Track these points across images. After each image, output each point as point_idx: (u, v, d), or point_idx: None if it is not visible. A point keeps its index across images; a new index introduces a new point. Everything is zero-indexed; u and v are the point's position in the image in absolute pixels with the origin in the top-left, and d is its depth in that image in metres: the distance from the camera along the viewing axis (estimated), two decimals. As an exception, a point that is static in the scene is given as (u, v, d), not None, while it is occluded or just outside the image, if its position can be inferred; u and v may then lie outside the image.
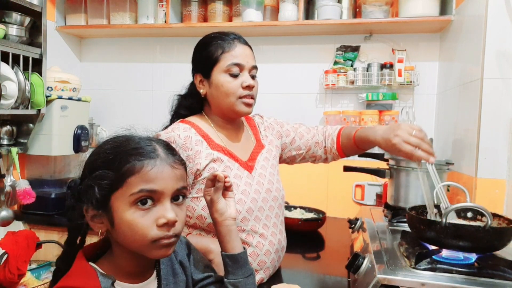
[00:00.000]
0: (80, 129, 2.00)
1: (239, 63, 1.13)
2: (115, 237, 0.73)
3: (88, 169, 0.73)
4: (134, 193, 0.69)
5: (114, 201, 0.70)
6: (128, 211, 0.69)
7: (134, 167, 0.69)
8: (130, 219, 0.69)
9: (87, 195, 0.70)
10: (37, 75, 1.79)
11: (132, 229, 0.69)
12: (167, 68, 2.39)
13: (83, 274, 0.71)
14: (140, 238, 0.69)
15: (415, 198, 1.52)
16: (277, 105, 2.23)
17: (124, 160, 0.70)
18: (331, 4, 1.96)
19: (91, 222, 0.72)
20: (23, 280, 1.55)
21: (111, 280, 0.71)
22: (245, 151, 1.22)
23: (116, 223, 0.70)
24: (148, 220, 0.69)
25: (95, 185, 0.70)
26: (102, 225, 0.72)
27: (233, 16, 2.18)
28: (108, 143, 0.75)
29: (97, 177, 0.70)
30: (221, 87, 1.13)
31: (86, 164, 0.75)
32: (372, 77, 2.05)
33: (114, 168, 0.70)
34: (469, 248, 1.02)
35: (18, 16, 1.74)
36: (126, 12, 2.24)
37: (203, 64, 1.17)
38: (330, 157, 1.37)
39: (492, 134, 1.41)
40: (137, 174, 0.69)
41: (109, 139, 0.76)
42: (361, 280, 1.05)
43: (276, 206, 1.22)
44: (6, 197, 1.79)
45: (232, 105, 1.15)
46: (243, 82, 1.13)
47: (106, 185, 0.70)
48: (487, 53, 1.42)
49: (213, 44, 1.15)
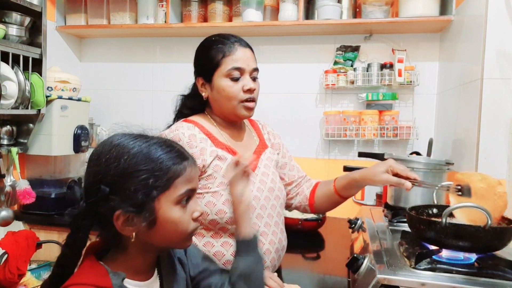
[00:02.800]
0: (80, 129, 2.00)
1: (240, 67, 1.14)
2: (146, 238, 0.73)
3: (120, 176, 0.70)
4: (182, 194, 0.73)
5: (159, 203, 0.71)
6: (173, 209, 0.73)
7: (179, 169, 0.73)
8: (176, 217, 0.73)
9: (123, 201, 0.69)
10: (37, 75, 1.79)
11: (177, 225, 0.73)
12: (167, 68, 2.39)
13: (93, 271, 0.71)
14: (183, 232, 0.74)
15: (415, 198, 1.52)
16: (277, 105, 2.23)
17: (167, 163, 0.72)
18: (331, 4, 1.96)
19: (122, 227, 0.71)
20: (23, 280, 1.55)
21: (121, 277, 0.71)
22: (248, 150, 1.22)
23: (159, 222, 0.72)
24: (187, 215, 0.75)
25: (138, 190, 0.69)
26: (134, 228, 0.71)
27: (233, 16, 2.18)
28: (131, 148, 0.72)
29: (139, 182, 0.70)
30: (222, 91, 1.15)
31: (112, 170, 0.70)
32: (372, 77, 2.05)
33: (158, 172, 0.71)
34: (469, 248, 1.02)
35: (18, 16, 1.74)
36: (126, 12, 2.24)
37: (204, 68, 1.18)
38: (301, 205, 1.34)
39: (492, 134, 1.41)
40: (182, 176, 0.73)
41: (127, 142, 0.73)
42: (361, 280, 1.05)
43: (278, 205, 1.23)
44: (6, 197, 1.79)
45: (233, 108, 1.16)
46: (244, 86, 1.14)
47: (152, 188, 0.70)
48: (487, 53, 1.42)
49: (213, 48, 1.16)
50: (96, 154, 0.74)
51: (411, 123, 2.05)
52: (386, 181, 1.14)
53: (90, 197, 0.71)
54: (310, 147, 2.20)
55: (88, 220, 0.73)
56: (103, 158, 0.72)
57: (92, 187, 0.71)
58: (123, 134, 0.76)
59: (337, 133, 2.07)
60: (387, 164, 1.14)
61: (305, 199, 1.32)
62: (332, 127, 2.08)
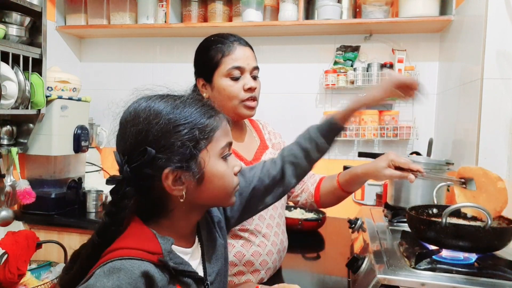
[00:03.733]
0: (80, 129, 2.00)
1: (240, 66, 1.13)
2: (194, 196, 0.71)
3: (164, 131, 0.68)
4: (224, 146, 0.73)
5: (206, 157, 0.70)
6: (219, 163, 0.73)
7: (216, 122, 0.73)
8: (222, 170, 0.73)
9: (171, 158, 0.67)
10: (37, 75, 1.79)
11: (224, 180, 0.73)
12: (167, 68, 2.39)
13: (141, 235, 0.69)
14: (229, 186, 0.75)
15: (415, 198, 1.52)
16: (277, 105, 2.23)
17: (205, 116, 0.71)
18: (331, 4, 1.96)
19: (172, 187, 0.68)
20: (23, 280, 1.55)
21: (170, 242, 0.70)
22: (249, 151, 1.22)
23: (206, 177, 0.71)
24: (230, 169, 0.75)
25: (185, 144, 0.68)
26: (183, 187, 0.69)
27: (233, 16, 2.18)
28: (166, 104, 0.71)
29: (185, 135, 0.68)
30: (223, 91, 1.14)
31: (154, 126, 0.68)
32: (372, 77, 2.05)
33: (200, 125, 0.70)
34: (469, 248, 1.02)
35: (18, 16, 1.74)
36: (126, 12, 2.24)
37: (204, 69, 1.18)
38: (307, 202, 1.33)
39: (492, 134, 1.41)
40: (220, 128, 0.74)
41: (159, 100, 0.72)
42: (361, 280, 1.05)
43: (279, 206, 1.23)
44: (6, 197, 1.79)
45: (235, 108, 1.15)
46: (244, 85, 1.14)
47: (198, 140, 0.69)
48: (487, 53, 1.42)
49: (213, 48, 1.15)
50: (131, 116, 0.71)
51: (411, 123, 2.06)
52: (389, 177, 1.12)
53: (133, 161, 0.67)
54: (310, 147, 2.20)
55: (132, 186, 0.68)
56: (141, 117, 0.69)
57: (134, 149, 0.68)
58: (149, 96, 0.74)
59: (337, 133, 2.07)
60: (388, 158, 1.12)
61: (311, 196, 1.31)
62: (332, 127, 2.08)
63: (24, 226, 1.94)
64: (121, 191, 0.68)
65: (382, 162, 1.12)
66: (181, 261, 0.71)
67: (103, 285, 0.60)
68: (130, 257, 0.64)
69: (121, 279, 0.61)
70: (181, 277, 0.70)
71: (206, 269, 0.79)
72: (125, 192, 0.68)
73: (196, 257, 0.78)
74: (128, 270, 0.62)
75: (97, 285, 0.60)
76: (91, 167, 2.26)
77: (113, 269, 0.62)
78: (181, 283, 0.70)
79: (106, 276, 0.61)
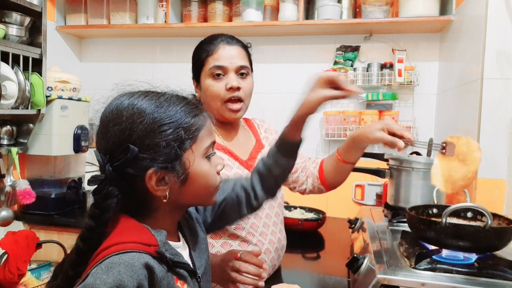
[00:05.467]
0: (80, 129, 2.00)
1: (221, 65, 1.13)
2: (177, 196, 0.70)
3: (148, 131, 0.66)
4: (208, 146, 0.73)
5: (190, 157, 0.70)
6: (202, 163, 0.72)
7: (200, 121, 0.72)
8: (206, 170, 0.73)
9: (155, 158, 0.66)
10: (37, 75, 1.79)
11: (207, 179, 0.73)
12: (167, 68, 2.39)
13: (134, 229, 0.67)
14: (212, 186, 0.75)
15: (415, 198, 1.52)
16: (277, 105, 2.22)
17: (189, 115, 0.70)
18: (331, 4, 1.96)
19: (155, 187, 0.67)
20: (23, 280, 1.55)
21: (164, 234, 0.69)
22: (244, 150, 1.22)
23: (190, 177, 0.70)
24: (213, 169, 0.75)
25: (169, 144, 0.67)
26: (166, 187, 0.68)
27: (233, 16, 2.18)
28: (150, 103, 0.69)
29: (169, 135, 0.67)
30: (206, 90, 1.15)
31: (138, 126, 0.66)
32: (372, 77, 2.05)
33: (185, 124, 0.69)
34: (469, 248, 1.02)
35: (18, 16, 1.74)
36: (126, 12, 2.24)
37: (194, 69, 1.20)
38: (315, 187, 1.30)
39: (492, 134, 1.41)
40: (205, 128, 0.72)
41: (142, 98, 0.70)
42: (361, 280, 1.05)
43: (276, 205, 1.23)
44: (6, 197, 1.79)
45: (218, 109, 1.15)
46: (227, 84, 1.13)
47: (183, 140, 0.68)
48: (487, 53, 1.42)
49: (201, 49, 1.17)
50: (113, 114, 0.69)
51: (411, 123, 2.05)
52: (380, 139, 1.09)
53: (115, 160, 0.66)
54: (310, 147, 2.20)
55: (115, 186, 0.66)
56: (124, 115, 0.67)
57: (117, 148, 0.66)
58: (131, 93, 0.72)
59: (337, 133, 2.07)
60: (384, 122, 1.10)
61: (316, 179, 1.27)
62: (332, 127, 2.08)
63: (24, 226, 1.94)
64: (104, 191, 0.66)
65: (378, 125, 1.11)
66: (175, 253, 0.71)
67: (104, 282, 0.57)
68: (128, 251, 0.62)
69: (122, 273, 0.59)
70: (177, 269, 0.70)
71: (195, 262, 0.78)
72: (108, 192, 0.66)
73: (185, 250, 0.78)
74: (128, 263, 0.60)
75: (97, 282, 0.58)
76: (91, 167, 2.26)
77: (111, 264, 0.60)
78: (177, 275, 0.70)
79: (105, 272, 0.59)
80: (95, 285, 0.58)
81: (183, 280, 0.71)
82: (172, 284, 0.67)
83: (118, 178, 0.66)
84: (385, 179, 1.66)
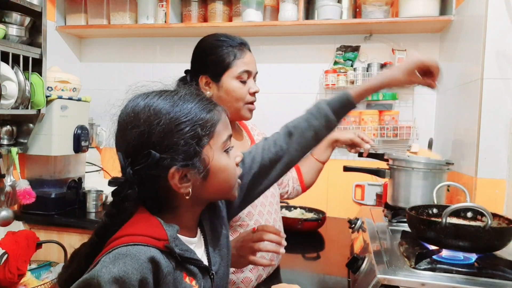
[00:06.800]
0: (80, 129, 2.00)
1: (249, 70, 1.17)
2: (200, 191, 0.72)
3: (166, 131, 0.67)
4: (225, 140, 0.74)
5: (209, 152, 0.71)
6: (222, 157, 0.73)
7: (215, 116, 0.73)
8: (225, 163, 0.74)
9: (175, 157, 0.67)
10: (37, 75, 1.79)
11: (228, 173, 0.74)
12: (167, 68, 2.39)
13: (147, 223, 0.69)
14: (233, 179, 0.76)
15: (415, 198, 1.52)
16: (277, 105, 2.22)
17: (205, 111, 0.71)
18: (331, 4, 1.96)
19: (179, 185, 0.69)
20: (23, 280, 1.55)
21: (175, 229, 0.70)
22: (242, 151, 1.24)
23: (212, 172, 0.72)
24: (232, 161, 0.76)
25: (188, 142, 0.68)
26: (189, 184, 0.70)
27: (233, 16, 2.18)
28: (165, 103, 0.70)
29: (187, 133, 0.68)
30: (232, 92, 1.16)
31: (156, 127, 0.67)
32: (372, 77, 2.05)
33: (201, 121, 0.70)
34: (469, 248, 1.02)
35: (18, 16, 1.74)
36: (126, 12, 2.23)
37: (212, 67, 1.17)
38: (294, 190, 1.44)
39: (492, 134, 1.41)
40: (220, 122, 0.74)
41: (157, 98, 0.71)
42: (361, 280, 1.05)
43: (274, 202, 1.26)
44: (6, 197, 1.79)
45: (239, 110, 1.18)
46: (250, 88, 1.18)
47: (201, 137, 0.70)
48: (487, 53, 1.42)
49: (224, 49, 1.16)
50: (130, 116, 0.70)
51: (411, 123, 2.06)
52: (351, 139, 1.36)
53: (136, 164, 0.67)
54: (310, 147, 2.20)
55: (135, 188, 0.68)
56: (141, 118, 0.68)
57: (137, 151, 0.67)
58: (146, 94, 0.73)
59: (337, 133, 2.07)
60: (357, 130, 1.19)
61: (296, 180, 1.42)
62: (332, 127, 2.08)
63: (24, 226, 1.94)
64: (123, 193, 0.68)
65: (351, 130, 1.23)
66: (186, 248, 0.71)
67: (109, 271, 0.60)
68: (136, 243, 0.64)
69: (127, 265, 0.61)
70: (187, 264, 0.71)
71: (210, 258, 0.79)
72: (126, 194, 0.68)
73: (200, 247, 0.79)
74: (134, 256, 0.62)
75: (103, 271, 0.60)
76: (91, 167, 2.26)
77: (119, 255, 0.62)
78: (187, 271, 0.71)
79: (112, 262, 0.61)
80: (100, 272, 0.60)
81: (192, 277, 0.71)
82: (179, 280, 0.68)
83: (139, 180, 0.68)
84: (385, 179, 1.66)
